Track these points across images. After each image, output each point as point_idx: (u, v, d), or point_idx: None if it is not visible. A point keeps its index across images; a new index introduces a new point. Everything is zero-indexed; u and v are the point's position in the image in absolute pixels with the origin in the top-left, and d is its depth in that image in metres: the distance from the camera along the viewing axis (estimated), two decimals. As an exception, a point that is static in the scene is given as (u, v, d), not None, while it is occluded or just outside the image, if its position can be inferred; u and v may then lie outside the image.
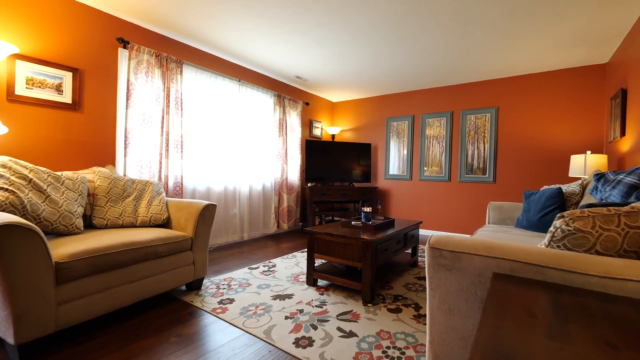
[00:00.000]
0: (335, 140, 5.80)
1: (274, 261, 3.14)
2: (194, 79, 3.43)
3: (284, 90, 4.74)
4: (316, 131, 5.41)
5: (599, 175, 2.18)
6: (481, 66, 3.84)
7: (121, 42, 2.78)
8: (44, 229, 1.80)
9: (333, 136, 5.64)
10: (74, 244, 1.70)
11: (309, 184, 4.75)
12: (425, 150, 4.83)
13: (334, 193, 4.75)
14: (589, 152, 2.97)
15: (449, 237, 1.16)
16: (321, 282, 2.54)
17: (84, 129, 2.63)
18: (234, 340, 1.66)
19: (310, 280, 2.47)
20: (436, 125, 4.73)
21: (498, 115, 4.25)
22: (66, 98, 2.53)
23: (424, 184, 4.84)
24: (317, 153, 4.84)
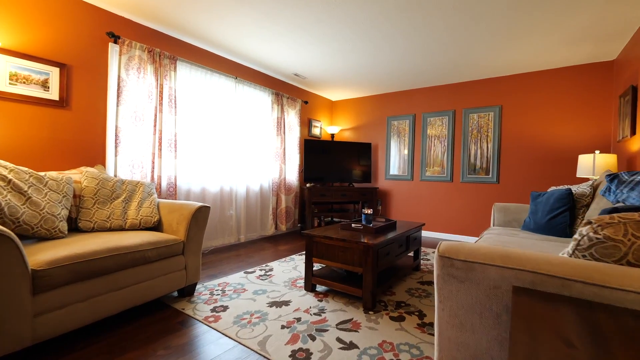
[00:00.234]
0: (335, 139, 5.69)
1: (271, 265, 3.03)
2: (188, 76, 3.31)
3: (282, 89, 4.63)
4: (315, 130, 5.30)
5: (612, 176, 2.07)
6: (484, 63, 3.73)
7: (111, 37, 2.67)
8: (24, 233, 1.69)
9: (332, 135, 5.53)
10: (56, 249, 1.58)
11: (308, 185, 4.64)
12: (427, 149, 4.72)
13: (334, 194, 4.64)
14: (598, 152, 2.86)
15: (460, 245, 1.05)
16: (320, 288, 2.44)
17: (71, 127, 2.52)
18: (227, 352, 1.55)
19: (309, 286, 2.36)
20: (438, 124, 4.63)
21: (502, 114, 4.15)
22: (53, 95, 2.41)
23: (426, 184, 4.74)
24: (316, 153, 4.73)
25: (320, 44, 3.33)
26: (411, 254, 3.30)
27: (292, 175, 4.67)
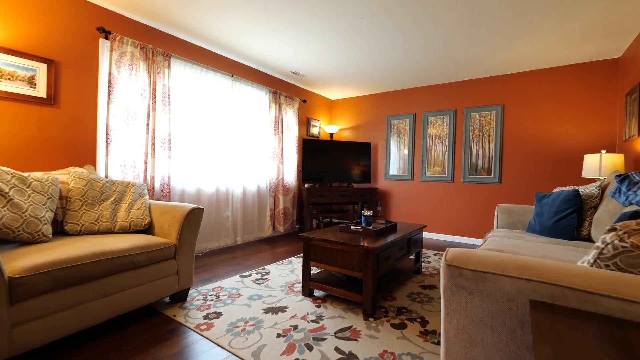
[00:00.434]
0: (334, 139, 5.60)
1: (268, 268, 2.93)
2: (182, 73, 3.22)
3: (280, 87, 4.54)
4: (314, 130, 5.21)
5: (622, 177, 1.99)
6: (486, 61, 3.65)
7: (102, 32, 2.57)
8: (4, 237, 1.60)
9: (331, 135, 5.44)
10: (37, 254, 1.49)
11: (306, 185, 4.54)
12: (427, 149, 4.63)
13: (333, 194, 4.55)
14: (604, 152, 2.78)
15: (469, 253, 0.96)
16: (318, 293, 2.35)
17: (60, 125, 2.42)
18: (218, 364, 1.46)
19: (306, 291, 2.27)
20: (439, 124, 4.54)
21: (504, 113, 4.06)
22: (40, 92, 2.32)
23: (426, 184, 4.65)
24: (315, 152, 4.64)
25: (318, 41, 3.24)
26: (412, 257, 3.21)
27: (290, 175, 4.58)
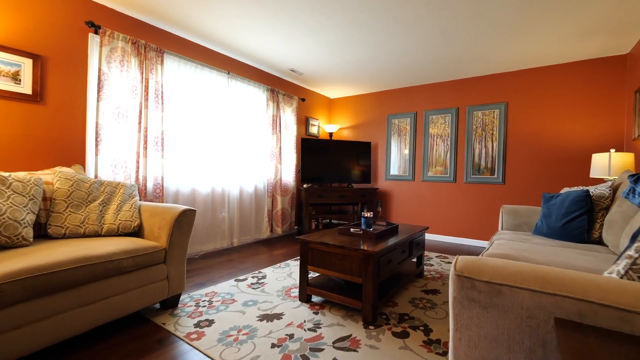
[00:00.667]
0: (333, 138, 5.49)
1: (265, 271, 2.83)
2: (176, 70, 3.12)
3: (278, 85, 4.44)
4: (313, 129, 5.11)
5: (637, 177, 1.88)
6: (490, 58, 3.54)
7: (91, 27, 2.47)
8: (-21, 241, 1.50)
9: (331, 134, 5.34)
10: (14, 260, 1.39)
11: (305, 185, 4.44)
12: (429, 149, 4.53)
13: (332, 195, 4.45)
14: (613, 151, 2.68)
15: (482, 262, 0.86)
16: (316, 298, 2.24)
17: (46, 123, 2.32)
18: (207, 378, 1.36)
19: (303, 296, 2.16)
20: (440, 123, 4.44)
21: (507, 111, 3.96)
22: (25, 88, 2.21)
23: (428, 185, 4.55)
24: (314, 152, 4.54)
25: (316, 36, 3.14)
26: (414, 260, 3.11)
27: (289, 175, 4.48)
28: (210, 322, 1.85)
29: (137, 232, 2.11)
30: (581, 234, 2.12)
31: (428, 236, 4.53)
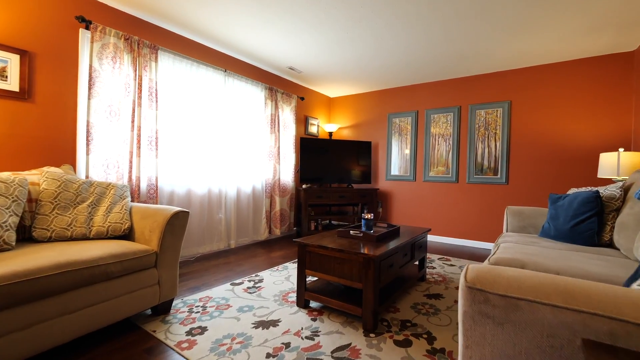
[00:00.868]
0: (333, 138, 5.41)
1: (262, 274, 2.74)
2: (171, 68, 3.03)
3: (277, 83, 4.35)
4: (312, 128, 5.02)
5: (650, 177, 1.80)
6: (493, 55, 3.46)
7: (82, 22, 2.39)
8: (-44, 246, 1.41)
9: (330, 134, 5.26)
10: (-9, 266, 1.31)
11: (304, 186, 4.36)
12: (430, 148, 4.44)
13: (332, 195, 4.36)
14: (622, 150, 2.59)
15: (496, 272, 0.77)
16: (314, 304, 2.16)
17: (35, 121, 2.24)
18: (196, 392, 1.27)
19: (301, 302, 2.08)
20: (442, 122, 4.35)
21: (511, 109, 3.87)
22: (12, 85, 2.13)
23: (429, 185, 4.46)
24: (313, 152, 4.45)
25: (314, 32, 3.05)
26: (416, 263, 3.02)
27: (288, 175, 4.40)
28: (203, 330, 1.76)
29: (128, 235, 2.03)
30: (591, 236, 2.03)
31: (430, 237, 4.44)
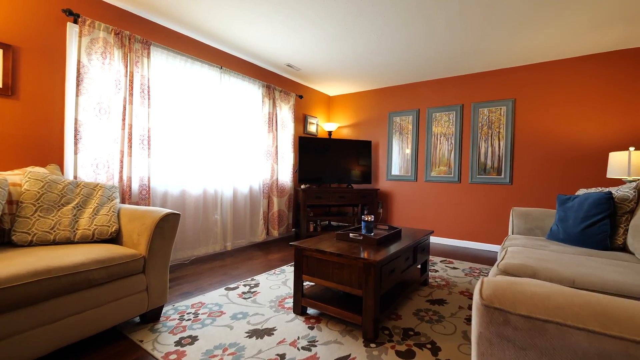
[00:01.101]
0: (332, 137, 5.31)
1: (258, 278, 2.64)
2: (164, 64, 2.93)
3: (274, 81, 4.25)
4: (311, 127, 4.92)
5: (668, 177, 1.69)
6: (497, 51, 3.35)
7: (69, 15, 2.28)
8: None
9: (330, 133, 5.15)
10: (-39, 273, 1.20)
11: (303, 186, 4.26)
12: (432, 147, 4.34)
13: (331, 196, 4.26)
14: (633, 149, 2.49)
15: (518, 288, 0.67)
16: (312, 310, 2.05)
17: (19, 119, 2.14)
18: (182, 412, 1.17)
19: (298, 308, 1.97)
20: (444, 120, 4.25)
21: (515, 108, 3.77)
22: (-6, 81, 2.03)
23: (431, 185, 4.36)
24: (312, 151, 4.35)
25: (312, 27, 2.95)
26: (418, 266, 2.92)
27: (286, 175, 4.29)
28: (193, 340, 1.66)
29: (116, 239, 1.93)
30: (603, 240, 1.93)
31: (431, 239, 4.34)
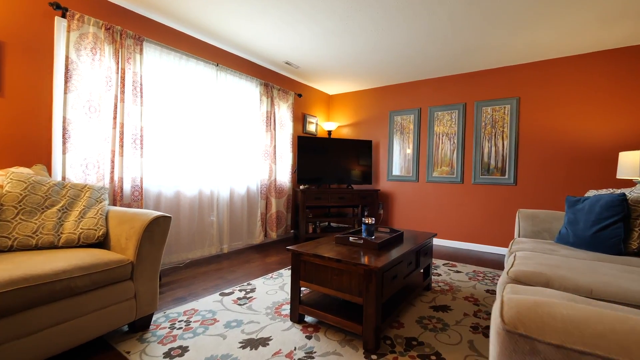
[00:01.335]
0: (332, 136, 5.21)
1: (255, 283, 2.55)
2: (158, 61, 2.83)
3: (273, 79, 4.15)
4: (310, 127, 4.82)
5: (687, 178, 1.60)
6: (501, 48, 3.25)
7: (57, 9, 2.19)
8: None
9: (329, 132, 5.05)
10: None
11: (302, 187, 4.16)
12: (434, 147, 4.24)
13: (330, 197, 4.16)
14: (644, 148, 2.39)
15: (546, 310, 0.57)
16: (309, 318, 1.96)
17: (3, 117, 2.04)
18: None
19: (295, 316, 1.88)
20: (446, 119, 4.15)
21: (519, 106, 3.67)
22: (-23, 77, 1.94)
23: (433, 186, 4.26)
24: (311, 151, 4.25)
25: (311, 23, 2.85)
26: (421, 271, 2.82)
27: (284, 176, 4.20)
28: (183, 350, 1.56)
29: (104, 243, 1.83)
30: (616, 244, 1.83)
31: (433, 241, 4.24)
